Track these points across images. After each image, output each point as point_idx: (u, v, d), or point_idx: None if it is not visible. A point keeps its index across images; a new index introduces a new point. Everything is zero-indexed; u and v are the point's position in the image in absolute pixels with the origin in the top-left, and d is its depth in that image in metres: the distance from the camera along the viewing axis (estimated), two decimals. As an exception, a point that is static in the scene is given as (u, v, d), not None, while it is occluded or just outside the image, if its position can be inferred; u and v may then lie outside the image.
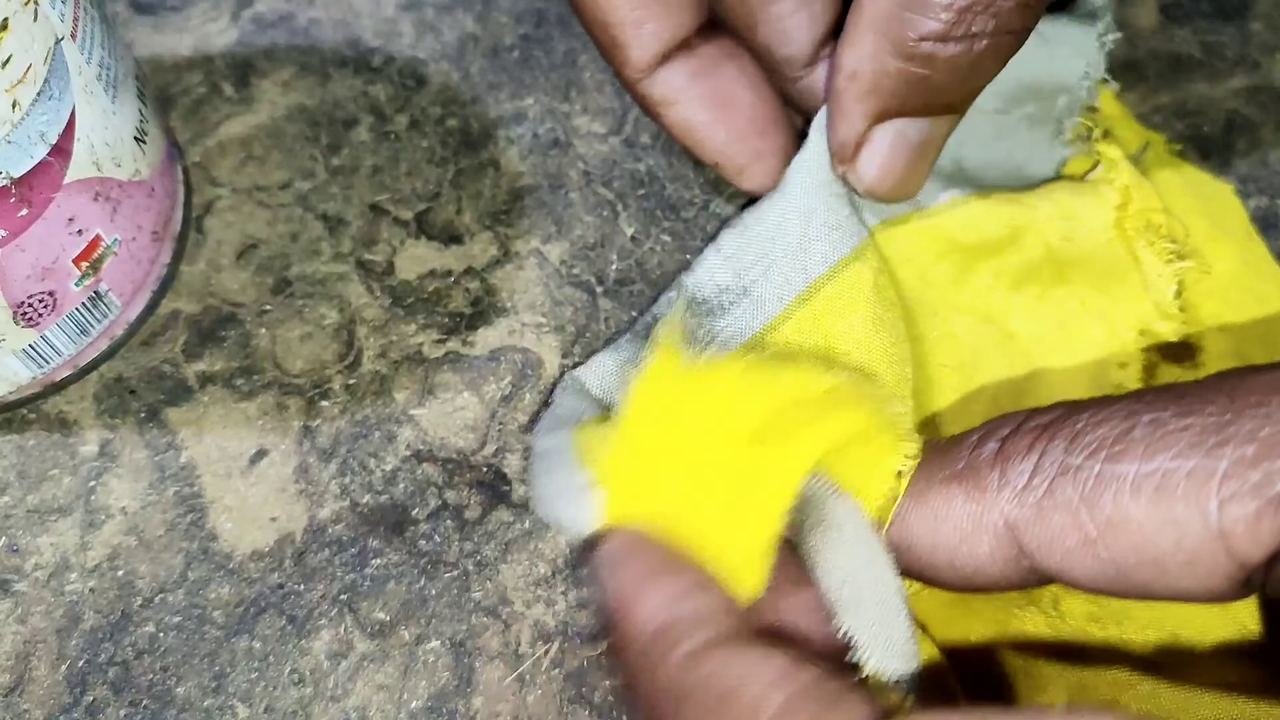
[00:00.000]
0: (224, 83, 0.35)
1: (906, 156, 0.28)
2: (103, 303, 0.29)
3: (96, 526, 0.29)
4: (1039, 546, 0.21)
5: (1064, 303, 0.31)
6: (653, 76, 0.29)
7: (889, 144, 0.28)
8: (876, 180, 0.29)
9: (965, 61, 0.26)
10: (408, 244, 0.33)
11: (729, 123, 0.30)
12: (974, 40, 0.25)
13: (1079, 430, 0.21)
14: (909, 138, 0.28)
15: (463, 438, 0.30)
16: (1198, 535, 0.20)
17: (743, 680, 0.20)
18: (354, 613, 0.28)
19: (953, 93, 0.27)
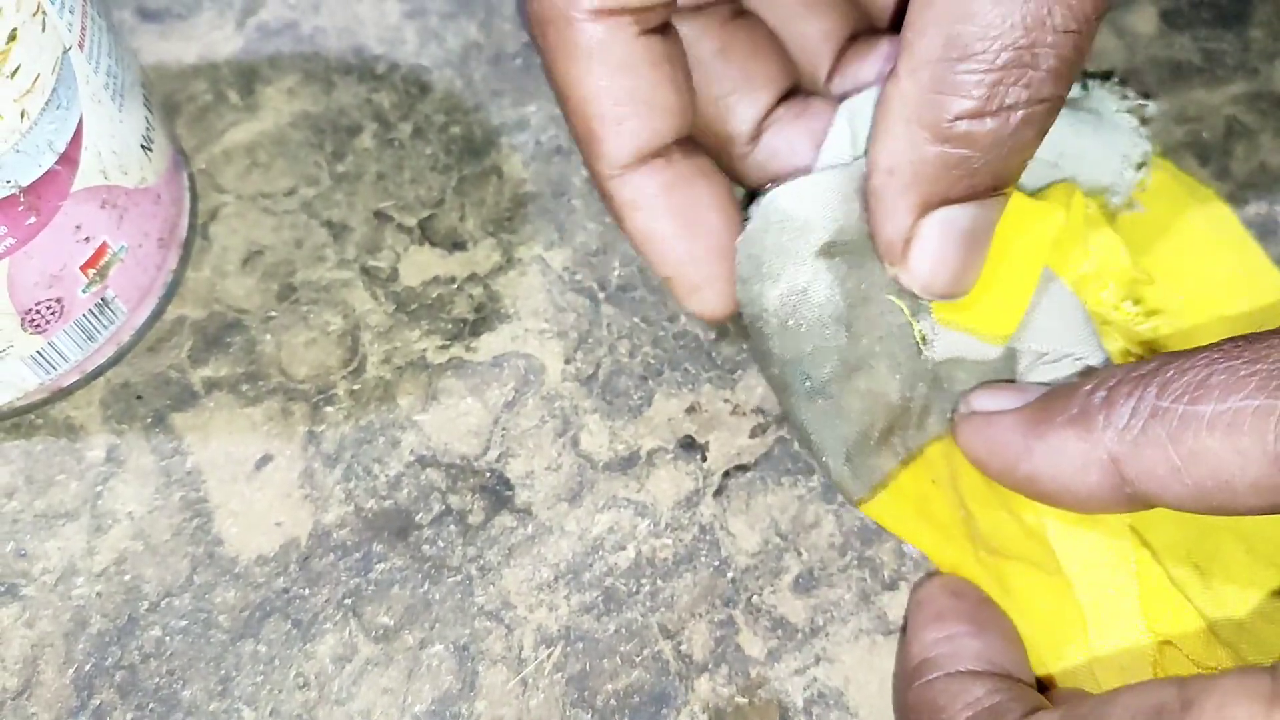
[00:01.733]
0: (229, 90, 0.35)
1: (959, 245, 0.27)
2: (109, 309, 0.30)
3: (103, 531, 0.29)
4: (1136, 476, 0.25)
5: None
6: (624, 177, 0.29)
7: (939, 235, 0.27)
8: (931, 275, 0.28)
9: (1004, 136, 0.25)
10: (411, 250, 0.33)
11: (692, 241, 0.30)
12: (1010, 113, 0.25)
13: (1169, 379, 0.25)
14: (959, 226, 0.27)
15: (466, 443, 0.31)
16: (1259, 462, 0.23)
17: (950, 699, 0.25)
18: (358, 617, 0.29)
19: (996, 172, 0.26)
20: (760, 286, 0.28)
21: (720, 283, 0.30)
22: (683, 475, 0.30)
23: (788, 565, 0.29)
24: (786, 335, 0.28)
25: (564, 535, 0.30)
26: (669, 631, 0.29)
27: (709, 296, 0.30)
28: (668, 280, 0.30)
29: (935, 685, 0.26)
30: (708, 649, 0.29)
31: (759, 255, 0.28)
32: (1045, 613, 0.28)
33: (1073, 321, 0.30)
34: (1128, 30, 0.37)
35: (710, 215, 0.30)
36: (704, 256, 0.30)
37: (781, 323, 0.28)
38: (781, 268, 0.28)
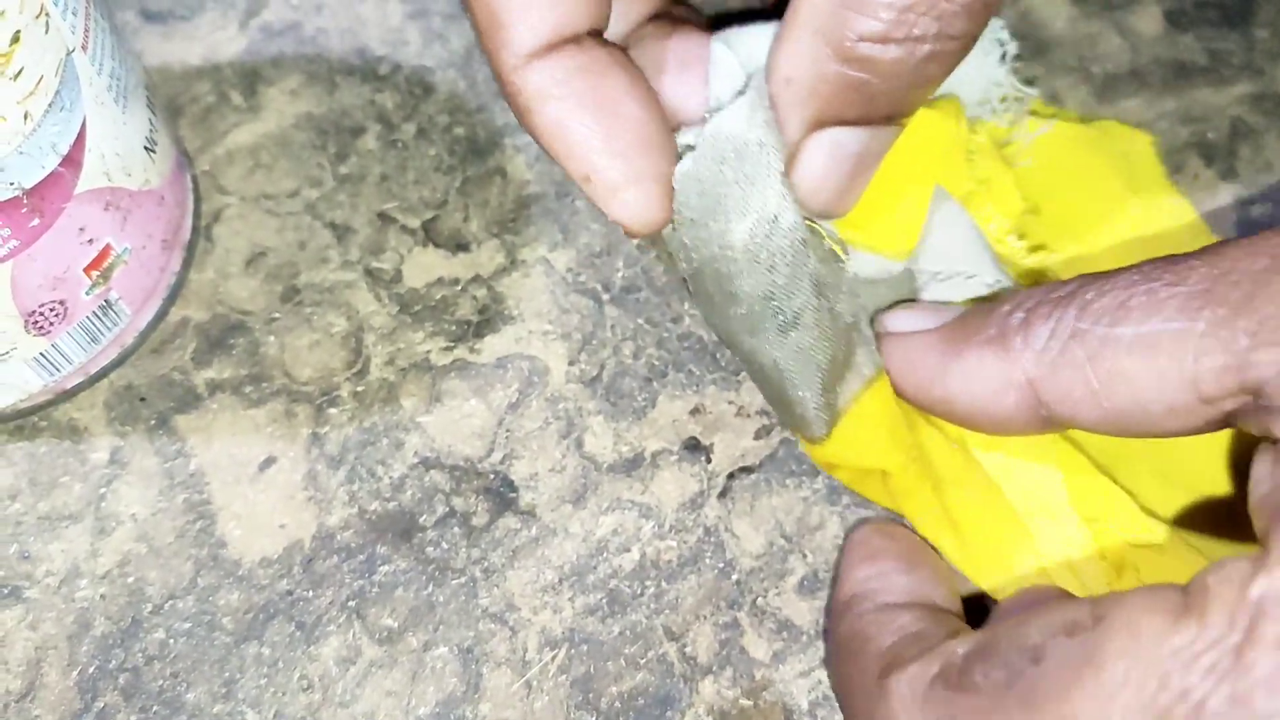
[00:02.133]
0: (232, 91, 0.35)
1: (843, 167, 0.27)
2: (113, 311, 0.29)
3: (107, 533, 0.29)
4: (1054, 399, 0.25)
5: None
6: (532, 65, 0.26)
7: (825, 153, 0.26)
8: (811, 192, 0.27)
9: (907, 67, 0.25)
10: (415, 252, 0.33)
11: (609, 132, 0.26)
12: (916, 44, 0.24)
13: (1088, 300, 0.25)
14: (846, 148, 0.26)
15: (470, 445, 0.31)
16: (1175, 385, 0.23)
17: (877, 629, 0.26)
18: (362, 619, 0.29)
19: (893, 102, 0.26)
20: (723, 224, 0.27)
21: (645, 182, 0.27)
22: (687, 477, 0.30)
23: (792, 567, 0.29)
24: (758, 270, 0.27)
25: (568, 537, 0.30)
26: (674, 634, 0.29)
27: (634, 198, 0.27)
28: (585, 182, 0.27)
29: (864, 617, 0.26)
30: (712, 651, 0.29)
31: (715, 190, 0.27)
32: (988, 527, 0.28)
33: (966, 239, 0.30)
34: (1131, 30, 0.37)
35: (631, 105, 0.26)
36: (624, 151, 0.26)
37: (752, 257, 0.27)
38: (748, 198, 0.27)
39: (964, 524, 0.28)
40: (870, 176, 0.28)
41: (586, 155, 0.26)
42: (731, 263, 0.27)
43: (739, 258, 0.27)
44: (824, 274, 0.28)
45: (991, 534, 0.28)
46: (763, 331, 0.28)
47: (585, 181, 0.27)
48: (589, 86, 0.26)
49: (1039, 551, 0.28)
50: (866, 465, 0.29)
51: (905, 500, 0.29)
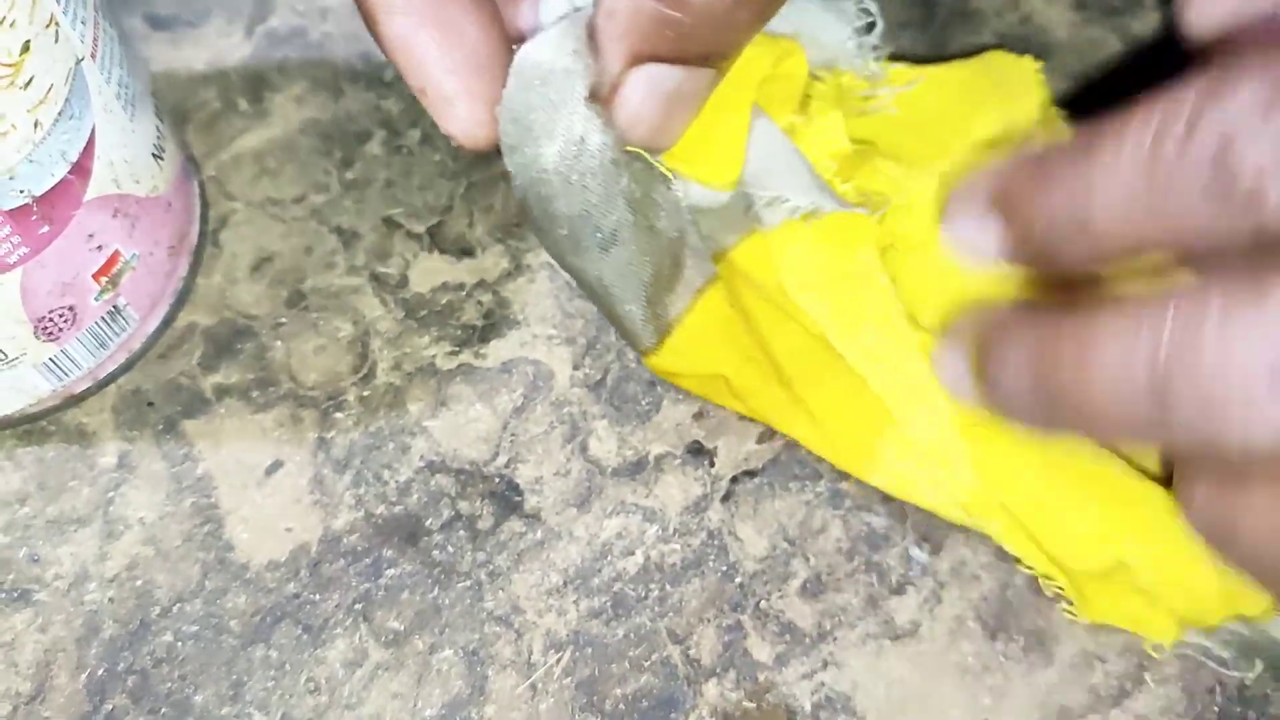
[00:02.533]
0: (238, 97, 0.35)
1: (659, 104, 0.27)
2: (121, 316, 0.30)
3: (115, 537, 0.30)
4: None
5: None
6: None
7: (642, 89, 0.27)
8: (628, 125, 0.28)
9: (718, 9, 0.25)
10: (420, 257, 0.33)
11: (448, 50, 0.28)
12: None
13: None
14: (662, 86, 0.27)
15: (475, 449, 0.31)
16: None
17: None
18: (368, 622, 0.29)
19: (706, 43, 0.26)
20: (535, 149, 0.28)
21: (475, 101, 0.28)
22: (691, 481, 0.31)
23: (795, 570, 0.30)
24: (572, 191, 0.28)
25: (573, 540, 0.30)
26: (677, 636, 0.29)
27: (462, 112, 0.28)
28: (421, 94, 0.28)
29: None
30: (716, 653, 0.29)
31: (525, 116, 0.28)
32: (849, 411, 0.29)
33: (787, 163, 0.30)
34: (1133, 35, 0.38)
35: (471, 28, 0.28)
36: (460, 68, 0.28)
37: (564, 178, 0.28)
38: (554, 122, 0.28)
39: (823, 415, 0.29)
40: (690, 116, 0.28)
41: (424, 69, 0.28)
42: (547, 184, 0.28)
43: (553, 179, 0.28)
44: (638, 192, 0.29)
45: (854, 421, 0.29)
46: (584, 250, 0.29)
47: (421, 94, 0.28)
48: (432, 4, 0.27)
49: (905, 436, 0.29)
50: (702, 372, 0.30)
51: (751, 399, 0.30)
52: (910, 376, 0.29)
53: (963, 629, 0.29)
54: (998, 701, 0.28)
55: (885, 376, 0.29)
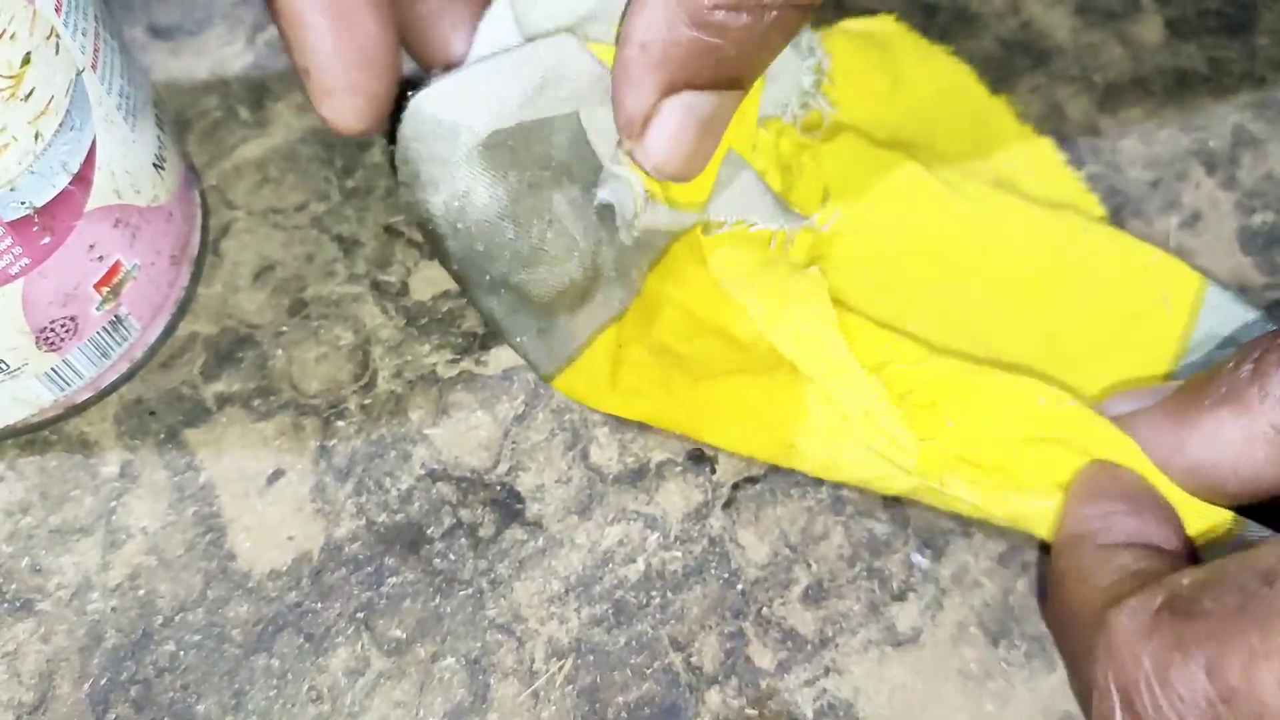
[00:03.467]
0: (240, 106, 0.35)
1: (695, 131, 0.28)
2: (123, 326, 0.30)
3: (117, 546, 0.30)
4: None
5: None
6: None
7: (678, 118, 0.28)
8: (664, 157, 0.28)
9: (756, 33, 0.26)
10: (421, 265, 0.33)
11: (339, 39, 0.28)
12: (765, 10, 0.25)
13: None
14: (697, 112, 0.28)
15: (476, 456, 0.31)
16: None
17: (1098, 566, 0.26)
18: (370, 630, 0.29)
19: (740, 66, 0.27)
20: (423, 194, 0.29)
21: (357, 94, 0.28)
22: (692, 488, 0.31)
23: (797, 577, 0.30)
24: (458, 237, 0.29)
25: (574, 548, 0.30)
26: (679, 644, 0.29)
27: (342, 103, 0.29)
28: (304, 73, 0.29)
29: (1085, 555, 0.26)
30: (718, 661, 0.29)
31: (414, 163, 0.29)
32: (763, 407, 0.30)
33: (752, 191, 0.32)
34: (1133, 39, 0.37)
35: (367, 21, 0.28)
36: (348, 58, 0.28)
37: (451, 225, 0.29)
38: (440, 176, 0.28)
39: (739, 414, 0.30)
40: (718, 139, 0.29)
41: (312, 52, 0.28)
42: (436, 225, 0.29)
43: (440, 224, 0.29)
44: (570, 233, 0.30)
45: (769, 416, 0.30)
46: (475, 286, 0.30)
47: (304, 75, 0.29)
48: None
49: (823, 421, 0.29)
50: (603, 395, 0.31)
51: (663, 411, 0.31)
52: (835, 352, 0.29)
53: (965, 635, 0.29)
54: (1000, 708, 0.28)
55: (810, 354, 0.29)
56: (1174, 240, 0.34)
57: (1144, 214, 0.35)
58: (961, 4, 0.38)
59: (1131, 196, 0.35)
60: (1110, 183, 0.35)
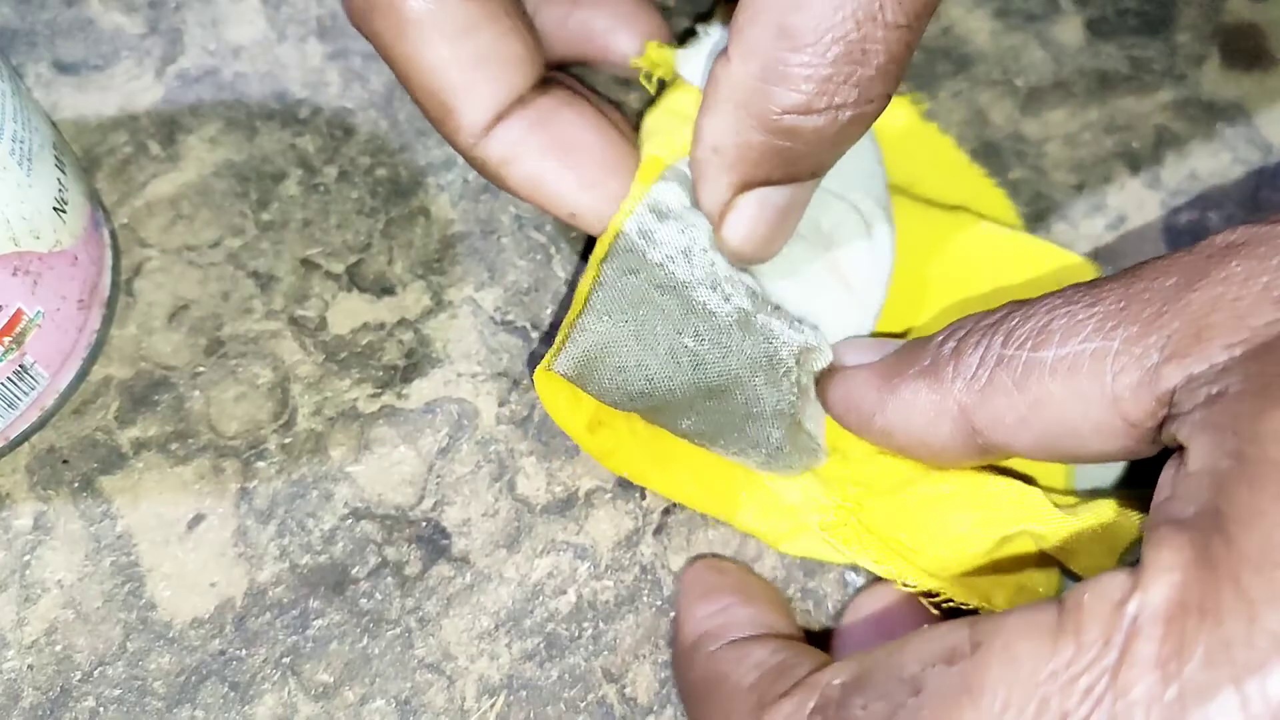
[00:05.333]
0: (150, 141, 0.35)
1: (771, 221, 0.28)
2: (29, 375, 0.29)
3: (33, 601, 0.29)
4: (985, 425, 0.25)
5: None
6: (489, 137, 0.28)
7: (753, 211, 0.28)
8: (740, 246, 0.28)
9: (830, 133, 0.25)
10: (340, 297, 0.33)
11: (578, 168, 0.29)
12: (838, 111, 0.25)
13: (1014, 326, 0.25)
14: (773, 203, 0.28)
15: (400, 493, 0.30)
16: (1098, 405, 0.24)
17: (735, 664, 0.25)
18: (297, 675, 0.28)
19: (816, 161, 0.27)
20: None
21: (614, 203, 0.29)
22: (622, 515, 0.30)
23: (730, 602, 0.29)
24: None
25: (503, 582, 0.29)
26: (613, 675, 0.28)
27: (608, 219, 0.29)
28: (572, 219, 0.29)
29: (717, 655, 0.26)
30: (652, 691, 0.28)
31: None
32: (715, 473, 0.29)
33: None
34: (1053, 41, 0.37)
35: (586, 136, 0.29)
36: (596, 180, 0.29)
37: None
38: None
39: (693, 475, 0.30)
40: (795, 224, 0.29)
41: (563, 195, 0.29)
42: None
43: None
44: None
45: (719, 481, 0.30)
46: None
47: (572, 218, 0.29)
48: (546, 136, 0.28)
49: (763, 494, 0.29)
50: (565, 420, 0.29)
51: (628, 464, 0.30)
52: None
53: (900, 654, 0.28)
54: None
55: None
56: (1101, 242, 0.34)
57: (1070, 218, 0.35)
58: (882, 11, 0.38)
59: (1057, 200, 0.35)
60: (1036, 187, 0.35)
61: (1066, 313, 0.24)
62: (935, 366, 0.26)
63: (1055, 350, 0.24)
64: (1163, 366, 0.23)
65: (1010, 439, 0.25)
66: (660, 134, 0.30)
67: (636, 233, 0.29)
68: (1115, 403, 0.23)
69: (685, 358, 0.28)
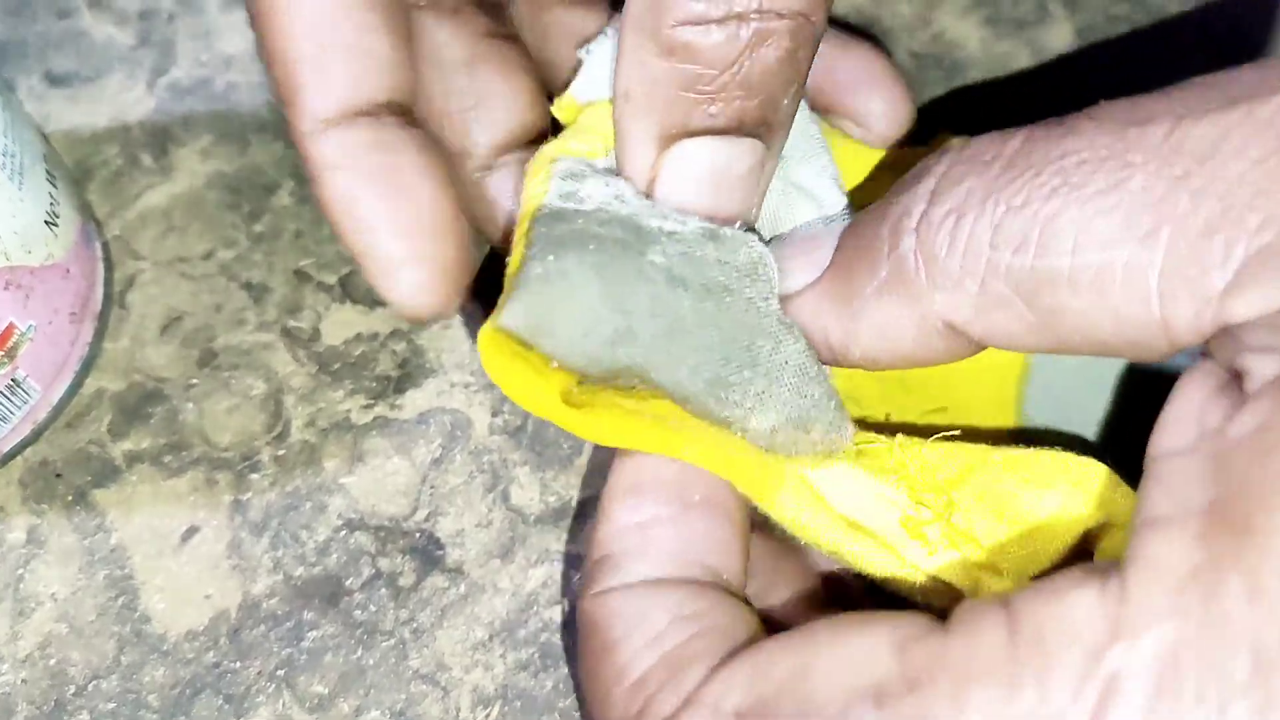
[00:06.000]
0: (142, 153, 0.35)
1: (706, 186, 0.24)
2: (21, 389, 0.29)
3: (26, 615, 0.29)
4: (985, 335, 0.21)
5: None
6: (324, 134, 0.25)
7: (679, 172, 0.24)
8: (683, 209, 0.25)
9: (734, 51, 0.22)
10: (333, 309, 0.33)
11: (395, 212, 0.24)
12: (739, 23, 0.22)
13: (999, 220, 0.20)
14: (702, 163, 0.24)
15: (394, 503, 0.30)
16: (1141, 327, 0.20)
17: (624, 629, 0.21)
18: (291, 688, 0.28)
19: (737, 101, 0.23)
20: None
21: (423, 265, 0.25)
22: (615, 524, 0.30)
23: (724, 610, 0.29)
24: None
25: (497, 593, 0.29)
26: (607, 685, 0.28)
27: (407, 282, 0.25)
28: (362, 259, 0.25)
29: (610, 601, 0.22)
30: (647, 700, 0.28)
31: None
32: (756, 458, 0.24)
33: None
34: (1044, 47, 0.37)
35: (421, 186, 0.25)
36: (409, 231, 0.25)
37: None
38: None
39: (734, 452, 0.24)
40: (749, 196, 0.25)
41: (365, 231, 0.25)
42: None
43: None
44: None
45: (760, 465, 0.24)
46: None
47: (361, 258, 0.25)
48: (378, 163, 0.25)
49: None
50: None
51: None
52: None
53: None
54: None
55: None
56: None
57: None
58: (872, 16, 0.38)
59: (1047, 206, 0.35)
60: (1026, 193, 0.35)
61: (1076, 200, 0.20)
62: (900, 276, 0.22)
63: (1070, 258, 0.20)
64: (1232, 296, 0.18)
65: (1015, 344, 0.21)
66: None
67: (558, 197, 0.25)
68: (1163, 328, 0.19)
69: (658, 275, 0.24)
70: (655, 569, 0.22)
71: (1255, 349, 0.18)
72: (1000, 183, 0.21)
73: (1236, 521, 0.17)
